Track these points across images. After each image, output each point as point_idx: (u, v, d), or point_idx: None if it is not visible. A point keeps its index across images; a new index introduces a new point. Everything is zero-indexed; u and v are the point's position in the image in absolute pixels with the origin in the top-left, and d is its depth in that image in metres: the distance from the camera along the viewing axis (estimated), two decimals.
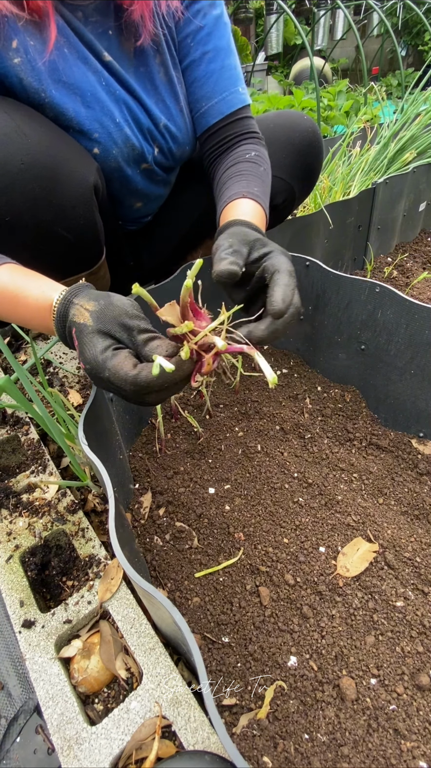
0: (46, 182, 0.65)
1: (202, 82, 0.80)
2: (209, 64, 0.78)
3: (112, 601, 0.61)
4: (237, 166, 0.79)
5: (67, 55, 0.67)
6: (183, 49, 0.78)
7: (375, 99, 3.22)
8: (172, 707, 0.50)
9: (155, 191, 0.93)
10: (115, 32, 0.72)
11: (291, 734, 0.51)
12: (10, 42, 0.62)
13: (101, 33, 0.70)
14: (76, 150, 0.70)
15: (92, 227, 0.75)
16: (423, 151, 1.63)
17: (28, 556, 0.67)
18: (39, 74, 0.65)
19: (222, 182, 0.79)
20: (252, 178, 0.77)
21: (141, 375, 0.45)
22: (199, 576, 0.66)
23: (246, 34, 5.77)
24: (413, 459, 0.83)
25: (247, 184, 0.75)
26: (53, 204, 0.67)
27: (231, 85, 0.80)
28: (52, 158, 0.65)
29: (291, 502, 0.76)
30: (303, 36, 2.33)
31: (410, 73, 4.63)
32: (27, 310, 0.55)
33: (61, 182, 0.66)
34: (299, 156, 0.95)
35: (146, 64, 0.76)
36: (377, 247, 1.58)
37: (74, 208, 0.70)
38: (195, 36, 0.77)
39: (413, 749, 0.50)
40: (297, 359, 1.08)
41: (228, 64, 0.79)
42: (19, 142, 0.61)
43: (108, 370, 0.46)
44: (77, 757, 0.47)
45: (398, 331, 0.82)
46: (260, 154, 0.82)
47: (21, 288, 0.55)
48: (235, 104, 0.81)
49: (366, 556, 0.68)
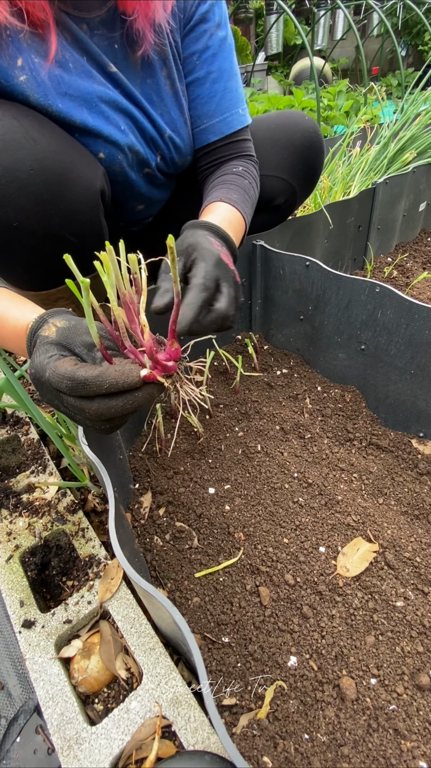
0: (55, 187, 0.65)
1: (204, 100, 0.81)
2: (213, 85, 0.80)
3: (112, 601, 0.61)
4: (222, 178, 0.82)
5: (71, 69, 0.68)
6: (187, 66, 0.80)
7: (375, 99, 3.22)
8: (172, 707, 0.50)
9: (157, 195, 0.93)
10: (121, 45, 0.72)
11: (291, 734, 0.51)
12: (15, 60, 0.63)
13: (107, 45, 0.71)
14: (84, 155, 0.71)
15: (98, 231, 0.76)
16: (423, 151, 1.63)
17: (28, 556, 0.67)
18: (45, 89, 0.66)
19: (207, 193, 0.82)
20: (234, 187, 0.79)
21: (79, 371, 0.41)
22: (199, 576, 0.66)
23: (246, 34, 5.78)
24: (413, 459, 0.83)
25: (227, 191, 0.77)
26: (61, 209, 0.67)
27: (232, 106, 0.82)
28: (61, 163, 0.65)
29: (291, 502, 0.76)
30: (303, 36, 2.33)
31: (410, 73, 4.63)
32: (5, 332, 0.56)
33: (69, 187, 0.67)
34: (300, 156, 0.96)
35: (153, 75, 0.76)
36: (377, 247, 1.58)
37: (81, 212, 0.70)
38: (201, 55, 0.78)
39: (413, 749, 0.50)
40: (297, 359, 1.08)
41: (231, 86, 0.81)
42: (28, 147, 0.62)
43: (49, 370, 0.43)
44: (77, 757, 0.47)
45: (398, 331, 0.82)
46: (248, 170, 0.84)
47: (3, 311, 0.56)
48: (235, 126, 0.84)
49: (366, 556, 0.68)
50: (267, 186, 0.97)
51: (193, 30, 0.77)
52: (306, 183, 1.01)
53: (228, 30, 0.80)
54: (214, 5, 0.77)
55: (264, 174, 0.96)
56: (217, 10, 0.77)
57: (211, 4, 0.76)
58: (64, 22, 0.66)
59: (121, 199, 0.88)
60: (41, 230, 0.67)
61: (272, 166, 0.95)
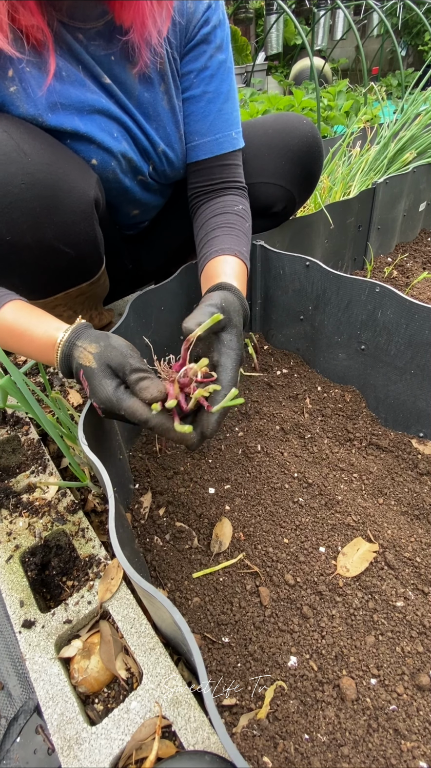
0: (47, 200, 0.65)
1: (197, 118, 0.81)
2: (208, 104, 0.80)
3: (112, 601, 0.61)
4: (226, 217, 0.82)
5: (65, 78, 0.67)
6: (185, 82, 0.80)
7: (375, 99, 3.22)
8: (172, 707, 0.50)
9: (152, 200, 0.93)
10: (118, 57, 0.72)
11: (291, 734, 0.51)
12: (6, 71, 0.63)
13: (104, 56, 0.71)
14: (76, 164, 0.70)
15: (93, 241, 0.76)
16: (423, 151, 1.63)
17: (28, 556, 0.67)
18: (35, 101, 0.66)
19: (210, 227, 0.82)
20: (242, 235, 0.80)
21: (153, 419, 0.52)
22: (199, 576, 0.66)
23: (246, 34, 5.78)
24: (413, 459, 0.83)
25: (238, 242, 0.78)
26: (54, 221, 0.67)
27: (226, 128, 0.82)
28: (53, 175, 0.65)
29: (291, 502, 0.76)
30: (303, 36, 2.33)
31: (410, 73, 4.63)
32: (32, 347, 0.59)
33: (62, 199, 0.67)
34: (298, 161, 0.94)
35: (150, 90, 0.76)
36: (377, 247, 1.58)
37: (75, 223, 0.70)
38: (198, 74, 0.78)
39: (413, 749, 0.50)
40: (297, 359, 1.08)
41: (226, 109, 0.81)
42: (19, 161, 0.61)
43: (124, 410, 0.53)
44: (77, 757, 0.47)
45: (398, 331, 0.82)
46: (245, 209, 0.85)
47: (25, 327, 0.59)
48: (226, 148, 0.83)
49: (366, 556, 0.68)
50: (265, 193, 0.95)
51: (193, 49, 0.77)
52: (304, 188, 0.99)
53: (229, 53, 0.80)
54: (217, 28, 0.77)
55: (262, 181, 0.94)
56: (219, 33, 0.77)
57: (214, 26, 0.76)
58: (59, 32, 0.66)
59: (116, 204, 0.88)
60: (35, 243, 0.67)
61: (269, 172, 0.94)
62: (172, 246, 1.10)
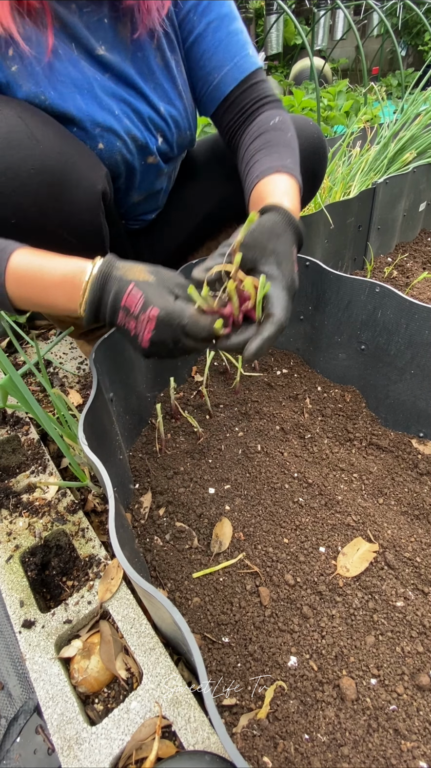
0: (55, 188, 0.65)
1: (211, 53, 0.79)
2: (215, 33, 0.78)
3: (112, 601, 0.61)
4: (264, 136, 0.77)
5: (62, 56, 0.67)
6: (187, 26, 0.78)
7: (375, 99, 3.22)
8: (172, 707, 0.50)
9: (157, 185, 0.92)
10: (110, 20, 0.71)
11: (291, 734, 0.51)
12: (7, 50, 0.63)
13: (96, 22, 0.70)
14: (86, 156, 0.71)
15: (98, 233, 0.76)
16: (423, 151, 1.63)
17: (28, 556, 0.67)
18: (37, 79, 0.66)
19: (250, 154, 0.78)
20: (282, 148, 0.75)
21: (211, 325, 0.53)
22: (199, 576, 0.66)
23: None
24: (413, 459, 0.83)
25: (279, 156, 0.73)
26: (60, 209, 0.68)
27: (240, 49, 0.79)
28: (62, 164, 0.65)
29: (291, 502, 0.76)
30: (303, 36, 2.33)
31: (410, 73, 4.64)
32: (51, 289, 0.56)
33: (70, 189, 0.67)
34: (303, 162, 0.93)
35: (142, 49, 0.75)
36: (377, 247, 1.58)
37: (81, 213, 0.70)
38: (196, 10, 0.77)
39: (413, 749, 0.50)
40: (298, 359, 1.08)
41: (234, 29, 0.79)
42: (30, 147, 0.62)
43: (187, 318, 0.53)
44: (77, 757, 0.47)
45: (398, 331, 0.82)
46: (284, 119, 0.80)
47: (42, 268, 0.56)
48: (248, 68, 0.80)
49: (366, 556, 0.68)
50: None
51: None
52: (308, 189, 0.99)
53: None
54: None
55: None
56: None
57: None
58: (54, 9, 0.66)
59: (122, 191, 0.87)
60: (39, 228, 0.67)
61: None
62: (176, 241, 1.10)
